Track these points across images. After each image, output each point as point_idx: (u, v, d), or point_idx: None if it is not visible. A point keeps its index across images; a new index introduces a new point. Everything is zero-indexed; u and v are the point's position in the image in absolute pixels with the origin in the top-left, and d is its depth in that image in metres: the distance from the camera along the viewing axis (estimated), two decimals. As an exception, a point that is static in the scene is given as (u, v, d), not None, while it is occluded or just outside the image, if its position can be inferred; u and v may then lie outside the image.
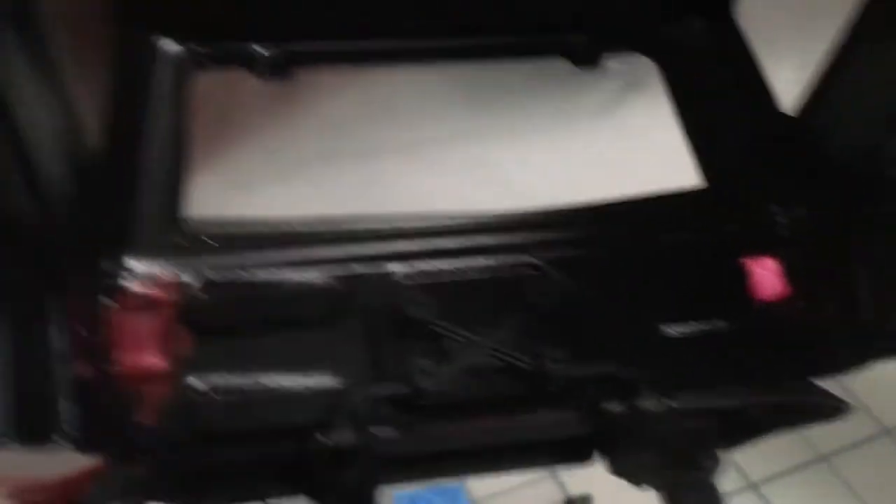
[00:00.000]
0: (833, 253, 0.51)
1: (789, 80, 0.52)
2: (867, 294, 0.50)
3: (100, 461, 0.44)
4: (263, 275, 0.48)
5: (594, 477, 0.79)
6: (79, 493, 0.61)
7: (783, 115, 0.52)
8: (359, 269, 0.49)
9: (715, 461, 0.48)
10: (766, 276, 0.53)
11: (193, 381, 0.46)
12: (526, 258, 0.51)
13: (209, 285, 0.47)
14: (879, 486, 0.84)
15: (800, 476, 0.85)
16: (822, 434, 0.93)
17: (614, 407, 0.48)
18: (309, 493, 0.46)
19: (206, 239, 0.47)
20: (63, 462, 0.63)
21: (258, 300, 0.48)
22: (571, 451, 0.51)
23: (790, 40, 0.52)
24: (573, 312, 0.51)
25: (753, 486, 0.84)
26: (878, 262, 0.51)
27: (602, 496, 0.77)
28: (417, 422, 0.47)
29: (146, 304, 0.46)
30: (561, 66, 0.56)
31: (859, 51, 0.48)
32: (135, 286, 0.46)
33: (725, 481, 0.85)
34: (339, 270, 0.49)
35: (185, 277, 0.47)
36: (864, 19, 0.48)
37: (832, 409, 0.51)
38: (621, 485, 0.85)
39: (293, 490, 0.47)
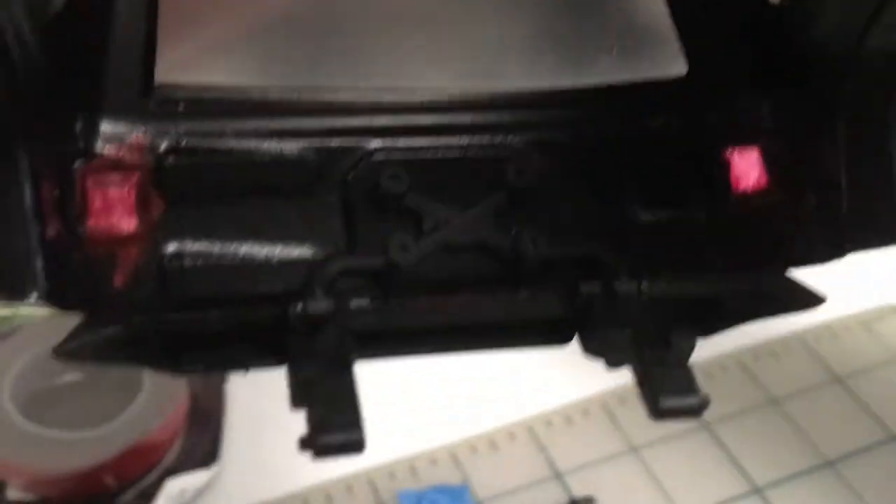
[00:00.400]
0: (813, 142, 0.52)
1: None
2: (846, 183, 0.50)
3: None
4: (237, 143, 0.48)
5: (599, 479, 0.76)
6: (95, 486, 0.60)
7: (767, 2, 0.52)
8: (336, 142, 0.49)
9: (690, 343, 0.48)
10: (746, 165, 0.53)
11: (165, 245, 0.46)
12: (505, 138, 0.51)
13: (182, 151, 0.47)
14: (886, 493, 0.80)
15: (806, 481, 0.81)
16: (829, 439, 0.90)
17: (591, 288, 0.47)
18: (284, 361, 0.44)
19: (179, 104, 0.47)
20: (78, 455, 0.62)
21: (232, 168, 0.47)
22: (551, 333, 0.49)
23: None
24: (551, 194, 0.51)
25: (758, 491, 0.80)
26: (858, 151, 0.51)
27: (606, 498, 0.74)
28: (392, 295, 0.46)
29: (119, 167, 0.46)
30: None
31: None
32: (108, 149, 0.46)
33: (729, 484, 0.81)
34: (316, 142, 0.49)
35: (158, 142, 0.47)
36: None
37: (806, 299, 0.51)
38: (626, 485, 0.81)
39: (269, 358, 0.45)
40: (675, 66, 0.55)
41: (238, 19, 0.51)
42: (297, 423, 0.67)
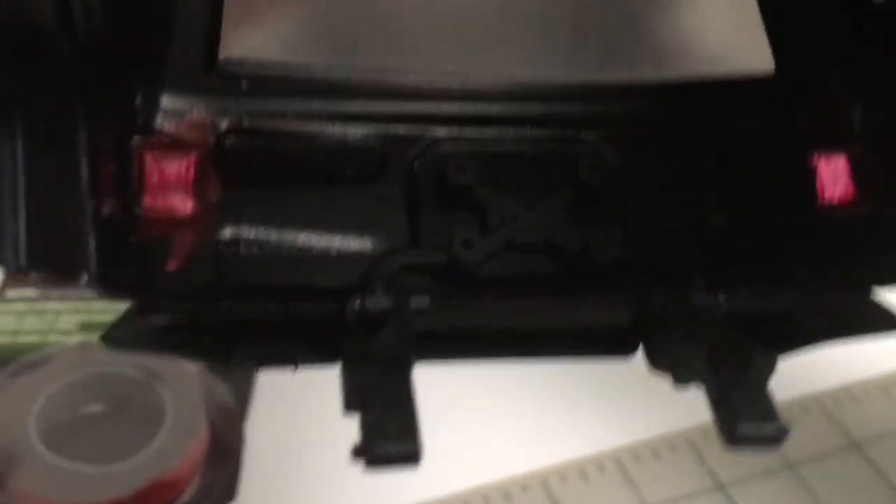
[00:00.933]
0: None
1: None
2: None
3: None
4: (300, 125, 0.46)
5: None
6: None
7: (871, 2, 0.48)
8: (402, 129, 0.47)
9: (770, 363, 0.44)
10: (834, 174, 0.50)
11: (221, 230, 0.44)
12: (578, 131, 0.49)
13: (244, 132, 0.45)
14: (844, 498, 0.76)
15: (767, 482, 0.78)
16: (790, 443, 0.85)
17: (662, 297, 0.44)
18: (340, 358, 0.42)
19: (243, 81, 0.45)
20: (100, 489, 0.61)
21: (293, 152, 0.45)
22: (615, 343, 0.47)
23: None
24: (625, 194, 0.48)
25: (721, 487, 0.77)
26: None
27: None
28: (454, 294, 0.43)
29: (178, 145, 0.44)
30: None
31: None
32: (167, 126, 0.44)
33: (694, 479, 0.77)
34: (382, 129, 0.47)
35: (219, 120, 0.45)
36: None
37: (891, 322, 0.47)
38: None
39: (323, 355, 0.43)
40: (763, 62, 0.51)
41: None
42: (316, 462, 0.65)
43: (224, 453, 0.66)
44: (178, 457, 0.62)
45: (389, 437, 0.38)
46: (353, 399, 0.39)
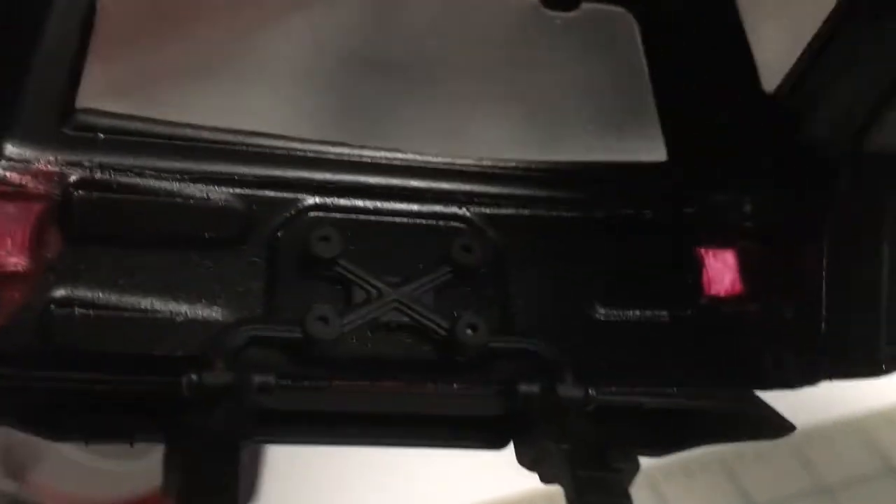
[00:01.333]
0: (796, 250, 0.47)
1: (775, 55, 0.49)
2: (827, 301, 0.45)
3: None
4: (158, 183, 0.43)
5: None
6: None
7: (762, 93, 0.48)
8: (269, 193, 0.44)
9: (634, 465, 0.42)
10: (720, 268, 0.48)
11: (55, 289, 0.40)
12: (456, 209, 0.46)
13: (95, 185, 0.42)
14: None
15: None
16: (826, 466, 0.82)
17: (530, 388, 0.41)
18: (170, 435, 0.39)
19: (99, 133, 0.43)
20: (122, 485, 0.59)
21: (148, 210, 0.42)
22: (484, 435, 0.44)
23: (783, 13, 0.49)
24: (501, 278, 0.46)
25: None
26: (845, 266, 0.46)
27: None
28: (304, 374, 0.40)
29: (20, 195, 0.41)
30: (529, 8, 0.53)
31: (849, 31, 0.44)
32: (11, 175, 0.41)
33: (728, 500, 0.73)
34: (247, 192, 0.44)
35: (69, 172, 0.42)
36: None
37: (775, 426, 0.45)
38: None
39: (154, 430, 0.40)
40: (655, 151, 0.50)
41: (180, 50, 0.46)
42: (339, 464, 0.61)
43: (247, 454, 0.66)
44: None
45: None
46: (172, 481, 0.36)
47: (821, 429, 0.87)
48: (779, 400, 0.45)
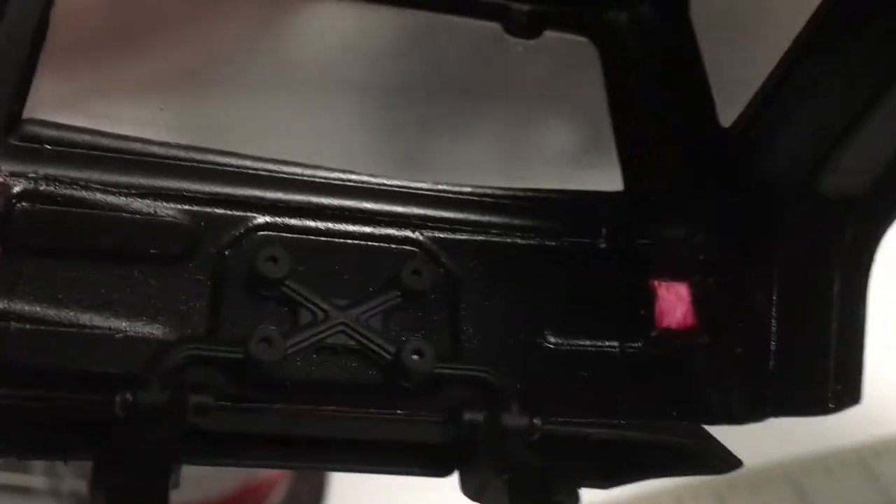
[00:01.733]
0: (747, 288, 0.47)
1: (732, 90, 0.49)
2: (776, 337, 0.45)
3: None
4: (103, 196, 0.42)
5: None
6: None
7: (718, 126, 0.48)
8: (217, 211, 0.44)
9: (575, 498, 0.41)
10: (673, 301, 0.48)
11: None
12: (409, 233, 0.46)
13: (38, 197, 0.41)
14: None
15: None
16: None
17: (475, 416, 0.41)
18: (100, 455, 0.38)
19: (45, 144, 0.42)
20: (189, 489, 0.57)
21: (92, 224, 0.42)
22: (428, 463, 0.43)
23: (741, 48, 0.50)
24: (450, 303, 0.45)
25: None
26: (794, 303, 0.46)
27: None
28: (244, 395, 0.40)
29: (-45, 202, 0.40)
30: (492, 35, 0.53)
31: (804, 70, 0.44)
32: (-50, 184, 0.40)
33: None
34: (195, 209, 0.43)
35: (12, 183, 0.41)
36: (814, 32, 0.43)
37: (722, 460, 0.45)
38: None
39: (85, 449, 0.39)
40: (612, 181, 0.50)
41: (132, 63, 0.46)
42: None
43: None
44: None
45: None
46: (97, 502, 0.35)
47: (889, 443, 0.84)
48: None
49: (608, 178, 0.50)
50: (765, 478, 0.76)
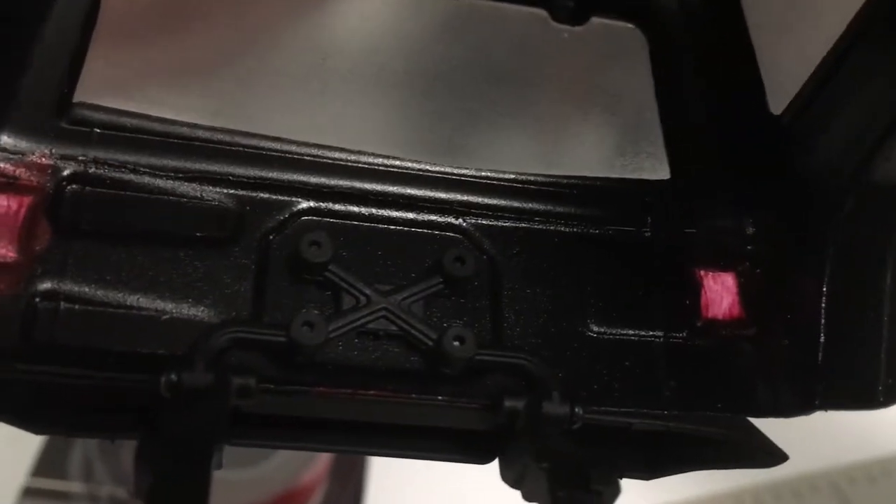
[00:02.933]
0: (796, 276, 0.46)
1: (784, 77, 0.48)
2: (826, 330, 0.44)
3: None
4: (151, 180, 0.43)
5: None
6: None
7: (769, 114, 0.47)
8: (263, 195, 0.44)
9: (614, 488, 0.41)
10: (719, 291, 0.47)
11: (41, 281, 0.40)
12: (452, 219, 0.46)
13: (88, 179, 0.42)
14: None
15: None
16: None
17: (515, 403, 0.41)
18: (145, 434, 0.38)
19: (95, 128, 0.43)
20: (228, 495, 0.60)
21: (140, 207, 0.42)
22: (469, 449, 0.43)
23: (793, 34, 0.48)
24: (492, 290, 0.45)
25: None
26: (845, 295, 0.45)
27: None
28: (286, 378, 0.40)
29: (11, 186, 0.41)
30: (538, 21, 0.52)
31: (857, 56, 0.43)
32: (4, 166, 0.41)
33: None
34: (239, 192, 0.44)
35: (63, 166, 0.42)
36: (868, 16, 0.42)
37: (767, 454, 0.44)
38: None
39: (131, 428, 0.39)
40: (658, 169, 0.49)
41: (182, 48, 0.46)
42: (441, 479, 0.61)
43: (349, 468, 0.65)
44: (305, 468, 0.61)
45: None
46: (141, 481, 0.35)
47: (864, 466, 0.81)
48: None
49: (654, 167, 0.49)
50: (809, 485, 0.75)
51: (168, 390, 0.38)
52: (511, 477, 0.42)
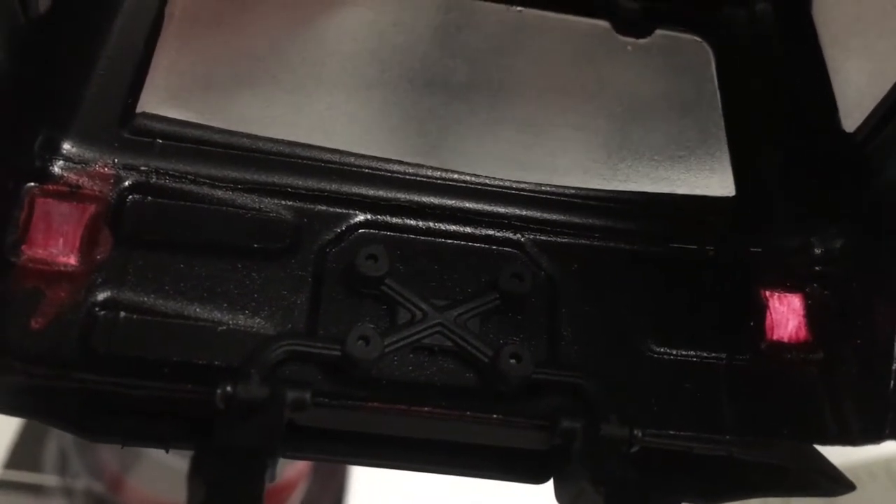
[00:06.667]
0: (867, 300, 0.44)
1: (857, 94, 0.46)
2: None
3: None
4: (211, 190, 0.43)
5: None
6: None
7: (840, 132, 0.46)
8: (321, 207, 0.44)
9: None
10: (785, 312, 0.46)
11: (101, 291, 0.41)
12: (510, 234, 0.45)
13: (148, 189, 0.42)
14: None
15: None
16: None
17: (572, 424, 0.40)
18: (200, 445, 0.38)
19: (157, 138, 0.43)
20: None
21: (200, 217, 0.42)
22: (523, 468, 0.43)
23: (868, 52, 0.47)
24: (550, 307, 0.44)
25: None
26: None
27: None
28: (340, 393, 0.40)
29: (75, 196, 0.41)
30: (601, 33, 0.51)
31: None
32: (68, 175, 0.41)
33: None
34: (297, 204, 0.44)
35: (125, 176, 0.42)
36: None
37: (834, 483, 0.43)
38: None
39: (191, 439, 0.39)
40: (723, 186, 0.48)
41: (245, 61, 0.46)
42: (422, 480, 0.58)
43: (331, 465, 0.65)
44: (287, 463, 0.61)
45: None
46: (195, 493, 0.35)
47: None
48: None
49: (719, 183, 0.48)
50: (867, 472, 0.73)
51: (223, 402, 0.38)
52: (566, 498, 0.41)
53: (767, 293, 0.45)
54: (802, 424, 0.43)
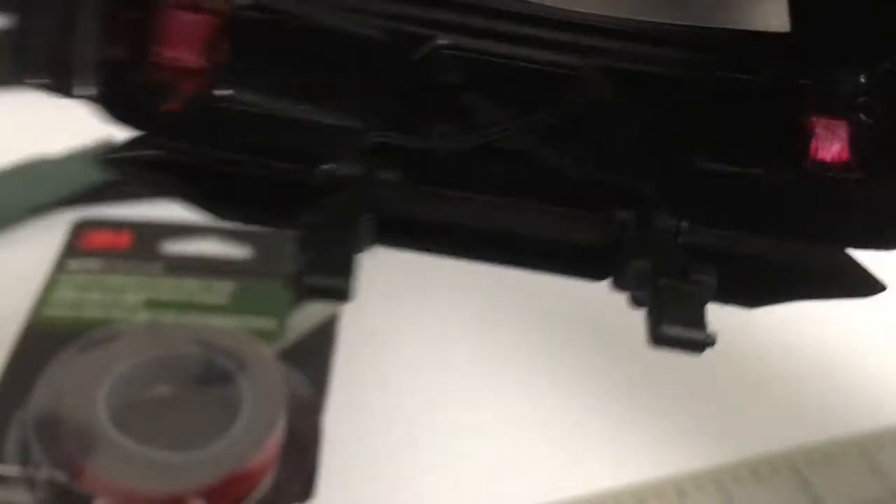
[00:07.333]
0: None
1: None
2: None
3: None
4: (315, 11, 0.49)
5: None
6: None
7: None
8: (408, 29, 0.49)
9: (711, 282, 0.44)
10: (829, 136, 0.50)
11: (223, 88, 0.47)
12: (580, 59, 0.50)
13: (261, 8, 0.48)
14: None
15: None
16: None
17: (626, 215, 0.46)
18: (299, 218, 0.45)
19: None
20: (174, 477, 0.59)
21: (303, 34, 0.48)
22: (584, 263, 0.48)
23: None
24: (611, 124, 0.49)
25: None
26: None
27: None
28: (422, 178, 0.46)
29: (195, 7, 0.48)
30: None
31: None
32: (192, -10, 0.48)
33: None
34: (388, 26, 0.49)
35: (243, -4, 0.49)
36: None
37: (866, 284, 0.47)
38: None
39: (290, 213, 0.46)
40: (778, 19, 0.52)
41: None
42: (399, 463, 0.65)
43: (301, 450, 0.63)
44: (255, 450, 0.60)
45: (321, 273, 0.40)
46: (306, 240, 0.42)
47: (894, 433, 0.78)
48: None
49: (774, 16, 0.52)
50: (769, 467, 0.73)
51: (324, 177, 0.44)
52: (621, 282, 0.46)
53: (813, 119, 0.49)
54: (840, 230, 0.48)
